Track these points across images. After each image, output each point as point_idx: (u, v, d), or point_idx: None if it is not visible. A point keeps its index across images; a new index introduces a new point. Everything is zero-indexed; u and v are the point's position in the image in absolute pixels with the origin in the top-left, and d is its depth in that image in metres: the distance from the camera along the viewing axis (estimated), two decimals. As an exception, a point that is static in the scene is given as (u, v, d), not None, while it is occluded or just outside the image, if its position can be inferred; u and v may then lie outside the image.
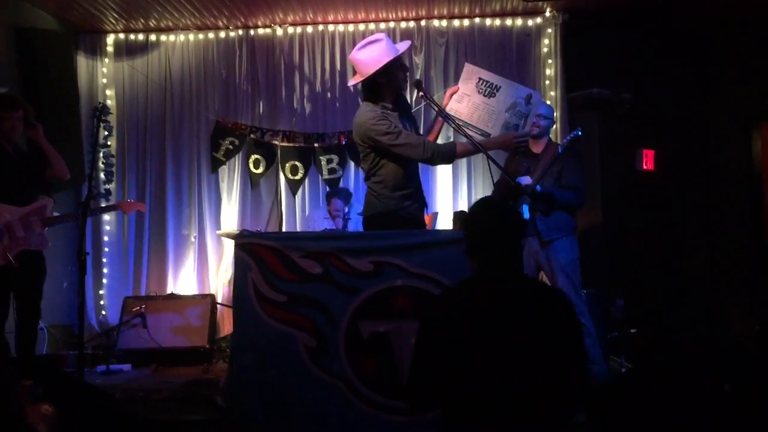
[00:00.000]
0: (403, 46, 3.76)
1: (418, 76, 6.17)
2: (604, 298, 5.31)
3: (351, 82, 3.99)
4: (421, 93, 3.73)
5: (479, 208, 2.44)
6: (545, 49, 6.22)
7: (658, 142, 6.16)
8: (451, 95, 3.82)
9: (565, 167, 4.66)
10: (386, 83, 3.65)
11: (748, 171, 6.42)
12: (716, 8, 5.91)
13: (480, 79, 3.69)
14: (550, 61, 6.20)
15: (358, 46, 3.69)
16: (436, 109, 3.76)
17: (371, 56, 3.60)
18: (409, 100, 4.14)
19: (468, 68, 3.79)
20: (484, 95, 3.69)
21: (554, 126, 5.71)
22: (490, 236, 2.33)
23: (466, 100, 3.74)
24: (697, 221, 6.26)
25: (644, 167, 6.13)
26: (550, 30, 6.20)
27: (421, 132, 4.11)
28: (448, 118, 3.71)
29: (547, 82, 6.20)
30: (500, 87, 3.66)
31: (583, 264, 4.70)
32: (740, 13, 5.99)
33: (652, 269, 5.87)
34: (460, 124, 3.68)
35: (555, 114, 5.81)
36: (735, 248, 6.30)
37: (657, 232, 6.08)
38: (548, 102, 6.00)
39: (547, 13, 6.16)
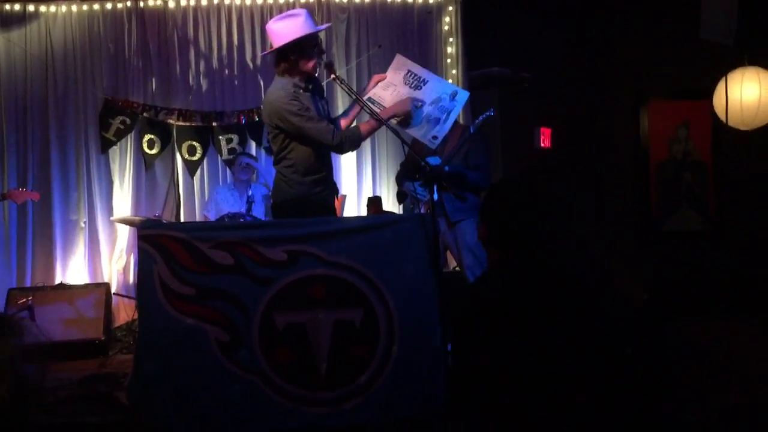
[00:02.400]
0: (322, 26, 3.71)
1: (319, 53, 6.02)
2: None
3: (263, 53, 3.92)
4: (332, 75, 3.64)
5: (502, 191, 2.24)
6: (446, 27, 6.22)
7: (554, 120, 6.33)
8: (377, 82, 3.78)
9: (472, 148, 4.70)
10: (298, 59, 3.57)
11: (636, 145, 6.72)
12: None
13: (409, 71, 3.71)
14: (451, 39, 6.21)
15: (276, 17, 3.65)
16: (347, 90, 3.68)
17: (287, 28, 3.53)
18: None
19: (398, 59, 3.80)
20: (410, 87, 3.70)
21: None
22: (516, 222, 2.13)
23: (391, 89, 3.74)
24: (589, 196, 6.49)
25: (542, 145, 6.29)
26: (450, 8, 6.20)
27: (337, 116, 4.03)
28: (359, 100, 3.65)
29: (448, 60, 6.21)
30: (427, 81, 3.69)
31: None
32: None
33: (551, 243, 6.05)
34: (377, 109, 3.64)
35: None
36: (624, 221, 6.60)
37: (554, 208, 6.26)
38: (450, 80, 6.02)
39: (448, -9, 6.16)
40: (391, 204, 5.73)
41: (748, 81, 5.16)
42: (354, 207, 6.04)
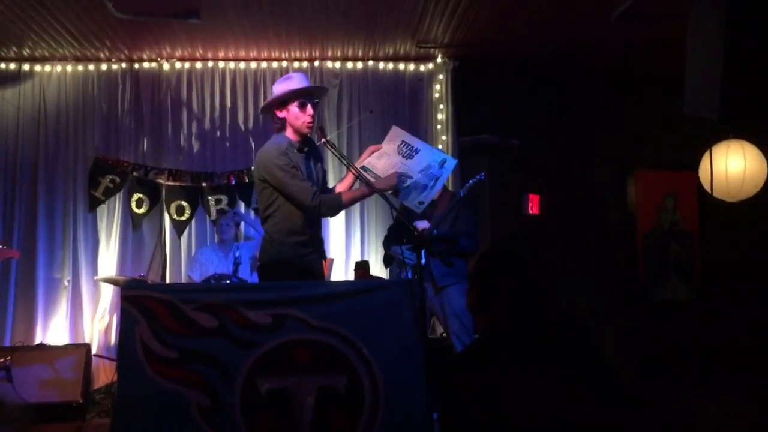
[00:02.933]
0: (305, 83, 3.78)
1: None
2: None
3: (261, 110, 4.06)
4: (323, 139, 3.67)
5: (494, 258, 2.25)
6: (437, 95, 6.31)
7: (542, 187, 6.38)
8: (372, 153, 3.84)
9: (461, 213, 4.71)
10: (287, 118, 3.70)
11: (623, 214, 6.77)
12: (597, 59, 6.25)
13: (403, 141, 3.79)
14: (441, 106, 6.29)
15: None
16: (337, 155, 3.71)
17: (279, 88, 3.71)
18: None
19: (394, 130, 3.87)
20: (402, 156, 3.75)
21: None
22: (508, 289, 2.15)
23: (384, 159, 3.79)
24: (578, 263, 6.50)
25: (530, 211, 6.32)
26: (441, 76, 6.29)
27: (330, 182, 4.08)
28: (350, 165, 3.69)
29: (439, 126, 6.28)
30: (419, 150, 3.75)
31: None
32: (616, 66, 6.37)
33: (540, 312, 6.01)
34: (370, 177, 3.64)
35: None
36: (612, 289, 6.59)
37: (542, 275, 6.24)
38: (440, 146, 6.09)
39: (439, 60, 6.26)
40: (378, 269, 5.70)
41: (733, 154, 5.25)
42: (342, 271, 6.00)
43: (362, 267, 5.48)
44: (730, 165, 5.24)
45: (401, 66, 6.35)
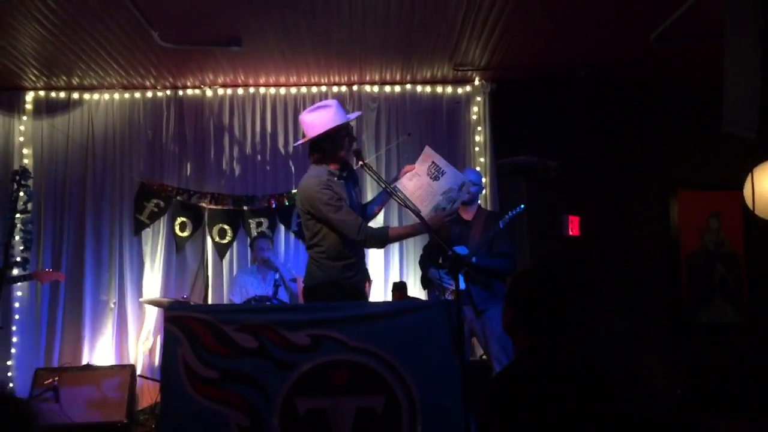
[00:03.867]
0: (353, 115, 3.82)
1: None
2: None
3: (296, 143, 4.00)
4: (360, 162, 3.71)
5: (531, 277, 2.32)
6: (474, 117, 6.34)
7: (582, 208, 6.33)
8: (405, 173, 3.84)
9: (498, 235, 4.71)
10: (330, 149, 3.69)
11: (666, 235, 6.66)
12: (636, 80, 6.21)
13: (433, 162, 3.77)
14: (479, 128, 6.31)
15: (309, 108, 3.75)
16: (375, 178, 3.75)
17: (319, 119, 3.65)
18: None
19: (427, 151, 3.87)
20: (431, 178, 3.75)
21: (483, 191, 5.80)
22: (545, 307, 2.21)
23: (416, 179, 3.80)
24: (618, 285, 6.41)
25: (570, 233, 6.27)
26: (479, 98, 6.33)
27: (368, 202, 4.10)
28: (387, 189, 3.71)
29: (477, 148, 6.30)
30: (446, 173, 3.74)
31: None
32: (656, 86, 6.32)
33: (578, 333, 5.94)
34: (402, 199, 3.68)
35: (483, 180, 5.91)
36: (655, 311, 6.47)
37: (582, 297, 6.18)
38: (478, 168, 6.10)
39: (476, 82, 6.31)
40: (417, 290, 5.71)
41: (776, 173, 5.15)
42: (380, 292, 6.03)
43: (400, 288, 5.50)
44: (773, 184, 5.14)
45: (439, 89, 6.39)
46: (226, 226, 6.21)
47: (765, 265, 6.49)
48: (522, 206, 4.72)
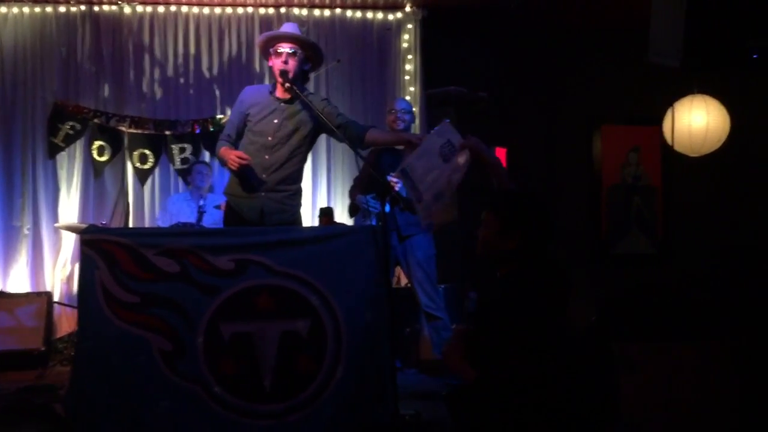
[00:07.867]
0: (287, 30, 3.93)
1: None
2: (458, 293, 5.43)
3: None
4: (287, 84, 3.63)
5: (535, 202, 2.47)
6: (405, 45, 6.25)
7: (509, 141, 6.39)
8: (414, 146, 3.42)
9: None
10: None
11: (589, 169, 6.83)
12: (565, 17, 6.22)
13: (448, 140, 3.35)
14: (410, 56, 6.23)
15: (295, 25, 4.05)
16: (307, 100, 3.69)
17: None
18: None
19: (444, 125, 3.37)
20: (442, 158, 3.33)
21: (414, 121, 5.77)
22: (549, 228, 2.43)
23: (425, 159, 3.11)
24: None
25: (497, 164, 6.32)
26: (410, 26, 6.23)
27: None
28: (320, 114, 3.66)
29: (407, 77, 6.24)
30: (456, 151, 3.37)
31: (438, 260, 4.76)
32: (585, 23, 6.34)
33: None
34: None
35: (414, 109, 5.87)
36: (576, 243, 6.67)
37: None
38: (408, 97, 6.04)
39: (407, 9, 6.19)
40: (343, 217, 5.70)
41: (697, 109, 5.30)
42: (308, 217, 5.98)
43: (327, 214, 5.46)
44: (693, 120, 5.29)
45: (369, 15, 6.25)
46: (147, 151, 5.98)
47: (680, 198, 6.74)
48: (447, 120, 4.67)
